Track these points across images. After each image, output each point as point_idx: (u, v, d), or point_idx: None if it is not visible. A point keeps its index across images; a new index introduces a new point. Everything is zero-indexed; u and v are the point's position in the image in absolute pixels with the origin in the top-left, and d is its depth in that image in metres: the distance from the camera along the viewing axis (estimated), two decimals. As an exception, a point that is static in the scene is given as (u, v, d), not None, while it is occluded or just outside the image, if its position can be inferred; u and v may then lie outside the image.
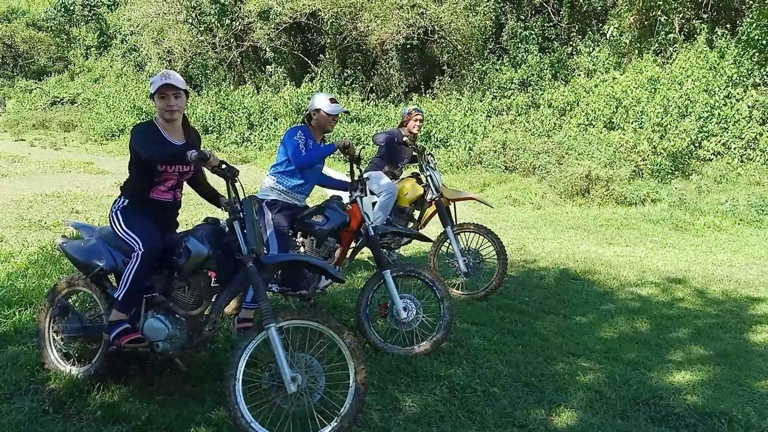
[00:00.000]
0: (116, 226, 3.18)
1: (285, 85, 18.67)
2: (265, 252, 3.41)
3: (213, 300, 3.13)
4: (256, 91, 18.61)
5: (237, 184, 3.04)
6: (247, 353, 2.95)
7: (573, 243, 8.06)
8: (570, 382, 3.85)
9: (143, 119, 17.26)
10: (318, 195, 9.75)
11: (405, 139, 5.65)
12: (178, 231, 3.40)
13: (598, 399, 3.62)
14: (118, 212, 3.21)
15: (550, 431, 3.23)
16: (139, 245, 3.05)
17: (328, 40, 19.19)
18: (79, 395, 3.12)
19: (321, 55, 19.49)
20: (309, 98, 17.55)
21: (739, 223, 9.20)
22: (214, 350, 3.71)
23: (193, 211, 7.93)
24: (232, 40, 20.03)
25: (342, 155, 4.29)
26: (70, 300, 3.45)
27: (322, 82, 18.10)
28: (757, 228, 9.07)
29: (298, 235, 4.36)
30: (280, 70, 19.47)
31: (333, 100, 4.37)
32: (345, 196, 4.49)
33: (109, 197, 8.99)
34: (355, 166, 4.39)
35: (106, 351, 3.20)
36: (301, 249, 4.34)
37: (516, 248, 7.48)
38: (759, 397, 3.81)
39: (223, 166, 2.95)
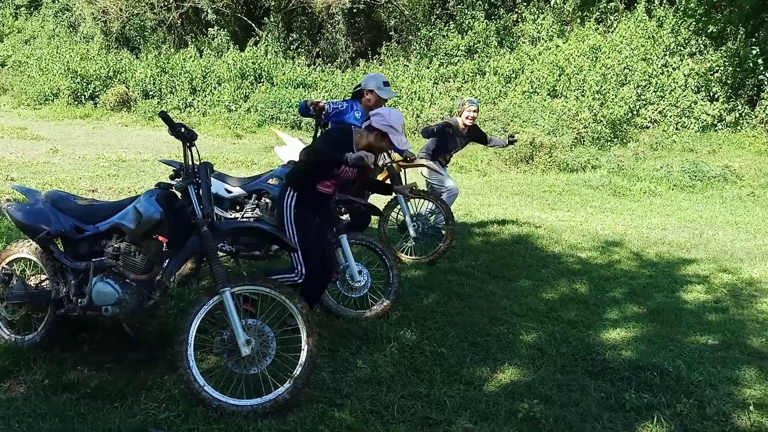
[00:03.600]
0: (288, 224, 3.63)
1: (228, 48, 18.17)
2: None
3: (164, 265, 3.12)
4: (198, 55, 18.05)
5: (193, 149, 3.03)
6: (199, 318, 2.96)
7: (517, 208, 8.27)
8: (514, 341, 4.01)
9: (78, 83, 16.56)
10: (265, 162, 9.64)
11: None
12: (126, 197, 3.36)
13: (539, 356, 3.80)
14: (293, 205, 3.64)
15: (495, 387, 3.38)
16: (300, 268, 3.56)
17: (273, 3, 18.72)
18: (25, 364, 3.07)
19: (265, 18, 19.01)
20: (253, 62, 16.94)
21: (673, 189, 9.63)
22: (164, 316, 3.70)
23: (135, 178, 7.73)
24: (171, 0, 19.28)
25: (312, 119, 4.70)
26: (14, 267, 3.36)
27: (267, 46, 17.70)
28: (690, 193, 9.52)
29: (253, 198, 4.35)
30: (223, 33, 18.92)
31: (386, 83, 4.71)
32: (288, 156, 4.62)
33: (45, 164, 8.65)
34: (320, 131, 4.51)
35: (53, 319, 3.15)
36: (256, 211, 4.33)
37: (462, 214, 7.62)
38: (689, 351, 4.06)
39: (182, 129, 2.95)
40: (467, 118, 6.13)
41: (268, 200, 4.35)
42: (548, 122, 12.60)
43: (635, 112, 13.13)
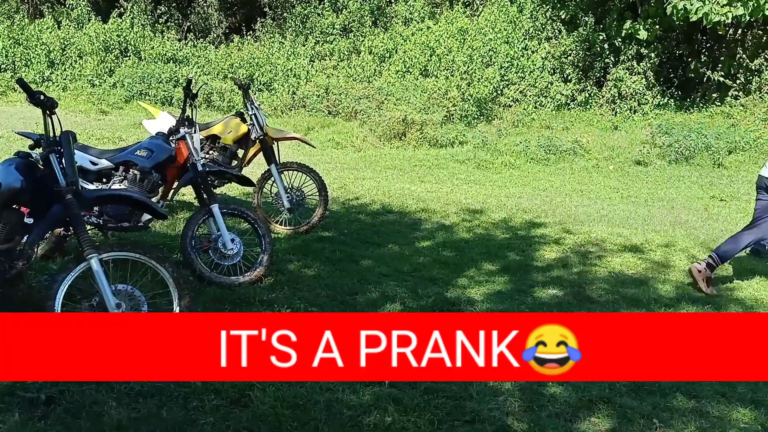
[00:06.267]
0: None
1: (90, 20, 17.11)
2: None
3: (28, 235, 3.10)
4: (56, 26, 16.84)
5: (54, 117, 3.03)
6: (65, 285, 3.00)
7: (389, 182, 8.67)
8: (379, 298, 4.34)
9: None
10: (134, 139, 9.38)
11: None
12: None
13: (402, 309, 4.15)
14: None
15: (361, 338, 3.68)
16: None
17: (138, -27, 17.84)
18: None
19: (131, -11, 18.07)
20: (118, 35, 16.11)
21: (530, 162, 10.47)
22: (28, 287, 3.64)
23: (-12, 155, 7.25)
24: (23, -34, 17.80)
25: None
26: None
27: (132, 18, 16.86)
28: (545, 165, 10.40)
29: (120, 170, 4.33)
30: (83, 3, 17.76)
31: None
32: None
33: None
34: (188, 103, 4.51)
35: None
36: (124, 183, 4.32)
37: (337, 187, 7.89)
38: (531, 300, 4.58)
39: (41, 96, 2.94)
40: None
41: (136, 172, 4.35)
42: (420, 101, 13.13)
43: (499, 92, 14.01)
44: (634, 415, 3.06)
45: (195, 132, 4.47)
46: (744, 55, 13.26)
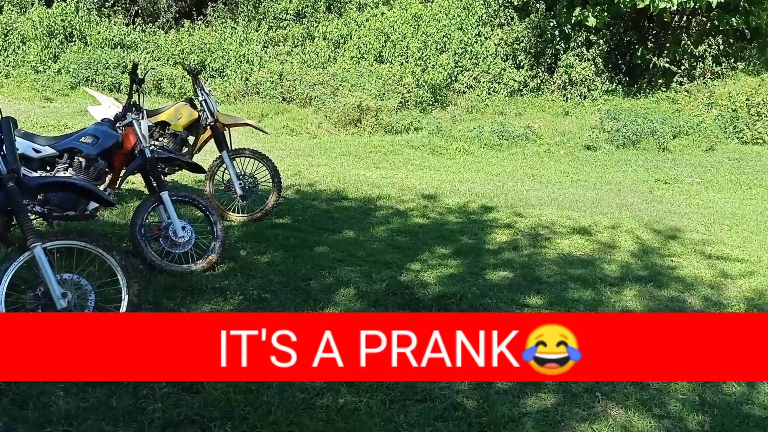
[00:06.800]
0: None
1: (33, 4, 16.46)
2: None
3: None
4: (-4, 11, 16.16)
5: None
6: (8, 276, 2.93)
7: (345, 168, 8.67)
8: (333, 283, 4.37)
9: None
10: (80, 126, 9.14)
11: None
12: None
13: (356, 293, 4.19)
14: None
15: (314, 322, 3.70)
16: None
17: (83, -45, 17.20)
18: None
19: (75, -28, 17.43)
20: (63, 20, 15.66)
21: (483, 147, 10.60)
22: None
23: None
24: (-43, -55, 16.95)
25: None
26: None
27: (77, 2, 16.27)
28: (498, 151, 10.55)
29: (65, 157, 4.23)
30: (25, -14, 17.07)
31: None
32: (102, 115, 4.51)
33: None
34: (135, 88, 4.42)
35: None
36: (69, 171, 4.22)
37: (291, 174, 7.85)
38: (483, 282, 4.69)
39: None
40: None
41: (81, 159, 4.25)
42: (375, 87, 13.12)
43: (453, 78, 14.10)
44: (578, 390, 3.18)
45: (142, 118, 4.39)
46: (689, 42, 13.65)
